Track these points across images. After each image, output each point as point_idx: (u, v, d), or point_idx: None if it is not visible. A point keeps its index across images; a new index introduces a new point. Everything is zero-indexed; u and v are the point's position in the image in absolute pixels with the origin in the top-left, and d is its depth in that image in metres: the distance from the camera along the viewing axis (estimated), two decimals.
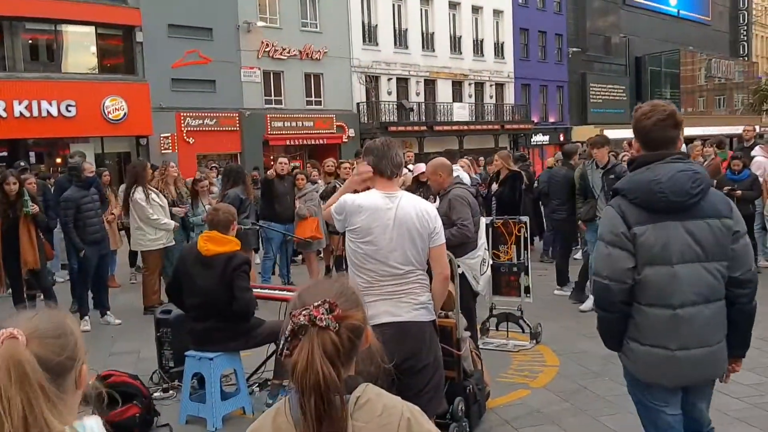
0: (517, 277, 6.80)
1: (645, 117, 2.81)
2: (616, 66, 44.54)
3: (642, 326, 2.81)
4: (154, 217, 8.18)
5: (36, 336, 1.33)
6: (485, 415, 4.78)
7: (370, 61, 30.53)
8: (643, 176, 2.77)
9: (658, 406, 2.89)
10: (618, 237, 2.77)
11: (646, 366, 2.85)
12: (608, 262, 2.80)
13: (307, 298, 1.48)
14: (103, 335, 7.50)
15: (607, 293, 2.82)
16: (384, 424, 1.45)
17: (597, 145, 7.56)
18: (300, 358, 1.39)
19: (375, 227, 3.43)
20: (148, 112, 22.76)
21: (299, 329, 1.42)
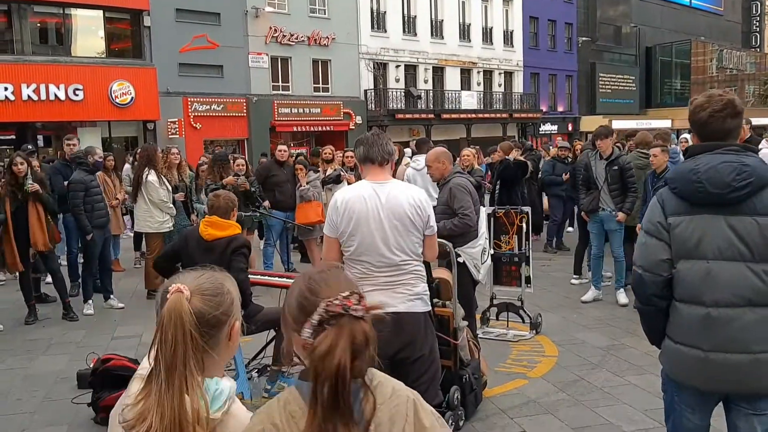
0: (518, 267, 6.80)
1: (700, 109, 2.66)
2: (626, 56, 44.22)
3: (675, 323, 2.69)
4: (165, 199, 8.30)
5: (198, 292, 1.58)
6: (482, 404, 4.80)
7: (378, 48, 30.40)
8: (685, 165, 2.65)
9: (683, 409, 2.75)
10: (655, 226, 2.67)
11: (675, 365, 2.73)
12: (644, 252, 2.70)
13: (320, 289, 1.48)
14: (106, 319, 7.56)
15: (641, 285, 2.70)
16: (395, 405, 1.48)
17: (601, 136, 7.53)
18: (327, 344, 1.38)
19: (368, 218, 3.43)
20: (155, 96, 22.78)
21: (329, 318, 1.42)
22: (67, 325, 7.33)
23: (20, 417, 4.85)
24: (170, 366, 1.51)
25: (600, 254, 7.84)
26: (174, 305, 1.52)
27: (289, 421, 1.45)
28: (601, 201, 7.54)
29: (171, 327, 1.51)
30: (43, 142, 22.22)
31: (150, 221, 8.36)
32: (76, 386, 5.33)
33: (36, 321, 7.43)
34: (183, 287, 1.55)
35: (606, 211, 7.52)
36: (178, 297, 1.54)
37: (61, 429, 4.62)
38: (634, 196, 7.45)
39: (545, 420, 4.59)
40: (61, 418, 4.79)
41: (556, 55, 39.34)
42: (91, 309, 7.76)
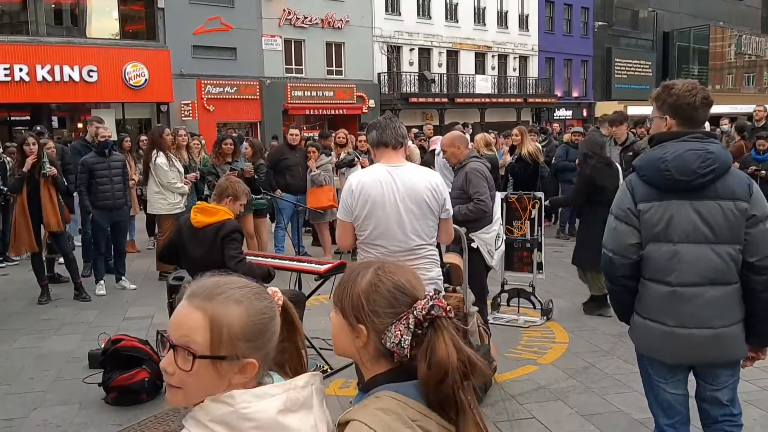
0: (530, 252, 6.76)
1: (690, 94, 2.75)
2: (642, 41, 43.68)
3: (643, 299, 2.86)
4: (174, 182, 8.28)
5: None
6: (491, 389, 4.79)
7: (393, 31, 30.22)
8: (653, 153, 2.77)
9: (658, 381, 2.93)
10: (625, 212, 2.80)
11: (644, 339, 2.90)
12: (614, 236, 2.85)
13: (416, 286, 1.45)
14: (118, 300, 7.61)
15: (611, 266, 2.87)
16: None
17: (615, 123, 7.46)
18: (447, 351, 1.33)
19: (383, 201, 3.40)
20: (168, 78, 22.79)
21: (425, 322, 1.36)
22: (79, 306, 7.38)
23: (32, 395, 4.89)
24: None
25: None
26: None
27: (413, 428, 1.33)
28: None
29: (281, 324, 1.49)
30: (58, 124, 22.36)
31: (162, 203, 8.38)
32: (87, 366, 5.37)
33: (49, 301, 7.49)
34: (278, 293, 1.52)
35: None
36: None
37: (72, 408, 4.66)
38: None
39: (555, 406, 4.57)
40: (73, 397, 4.83)
41: (572, 40, 38.93)
42: (104, 289, 7.81)
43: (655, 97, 2.89)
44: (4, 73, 19.73)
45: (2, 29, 21.23)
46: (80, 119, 22.63)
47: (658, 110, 2.87)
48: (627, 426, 4.26)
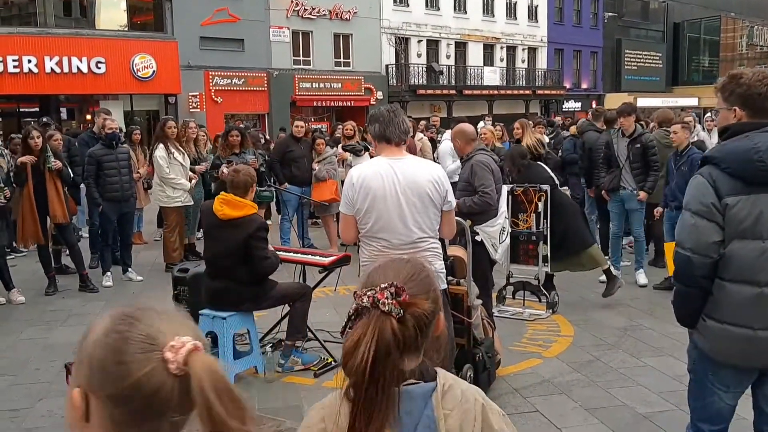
0: (536, 245, 6.73)
1: (761, 83, 2.59)
2: (653, 32, 43.36)
3: (722, 303, 2.64)
4: (170, 176, 8.23)
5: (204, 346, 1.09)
6: (495, 382, 4.77)
7: (401, 23, 30.11)
8: (740, 144, 2.58)
9: (718, 389, 2.75)
10: (707, 207, 2.59)
11: (721, 345, 2.68)
12: (693, 234, 2.63)
13: (376, 278, 1.40)
14: (125, 291, 7.63)
15: (688, 266, 2.65)
16: (465, 410, 1.38)
17: (624, 114, 7.37)
18: (356, 341, 1.30)
19: (385, 195, 3.39)
20: (176, 70, 22.81)
21: (362, 310, 1.35)
22: (86, 297, 7.41)
23: (38, 386, 4.92)
24: None
25: (619, 234, 7.74)
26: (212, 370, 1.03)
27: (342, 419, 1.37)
28: (623, 180, 7.42)
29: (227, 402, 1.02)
30: (67, 115, 22.43)
31: (161, 195, 8.41)
32: None
33: (56, 292, 7.52)
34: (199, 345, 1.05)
35: (627, 190, 7.41)
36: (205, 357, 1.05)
37: None
38: (656, 174, 7.31)
39: (559, 400, 4.56)
40: None
41: (582, 31, 38.69)
42: (110, 281, 7.84)
43: (721, 88, 2.72)
44: (13, 65, 19.79)
45: (11, 21, 21.31)
46: (88, 111, 22.67)
47: (725, 101, 2.70)
48: (631, 420, 4.24)
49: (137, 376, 1.01)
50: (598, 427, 4.14)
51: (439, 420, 1.33)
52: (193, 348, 1.03)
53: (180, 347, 1.02)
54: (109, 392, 1.02)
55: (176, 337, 1.03)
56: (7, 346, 5.87)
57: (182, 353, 1.02)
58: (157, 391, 1.01)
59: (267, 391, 4.81)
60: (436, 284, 1.48)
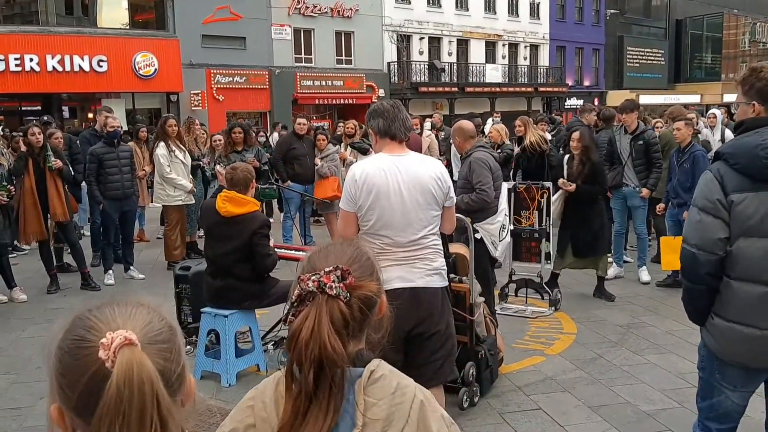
0: (538, 243, 6.71)
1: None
2: (655, 29, 43.24)
3: (729, 301, 2.62)
4: (170, 175, 8.21)
5: (150, 340, 1.01)
6: (498, 380, 4.77)
7: (402, 20, 30.06)
8: (749, 140, 2.55)
9: (725, 388, 2.72)
10: (713, 204, 2.56)
11: (728, 343, 2.65)
12: (699, 230, 2.60)
13: (317, 263, 1.37)
14: (127, 289, 7.63)
15: (694, 263, 2.62)
16: (397, 404, 1.32)
17: (626, 110, 7.35)
18: (304, 326, 1.27)
19: (387, 191, 3.36)
20: (178, 68, 22.79)
21: (306, 295, 1.31)
22: (88, 295, 7.40)
23: (40, 385, 4.90)
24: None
25: (622, 231, 7.73)
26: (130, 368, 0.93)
27: (277, 402, 1.34)
28: (625, 177, 7.40)
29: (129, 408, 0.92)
30: (69, 113, 22.43)
31: (161, 194, 8.39)
32: None
33: (58, 290, 7.52)
34: (132, 335, 0.96)
35: (630, 187, 7.39)
36: (134, 355, 0.95)
37: None
38: (658, 171, 7.30)
39: (562, 398, 4.55)
40: None
41: (584, 28, 38.61)
42: (112, 279, 7.84)
43: (742, 81, 2.67)
44: (14, 63, 19.79)
45: (13, 19, 21.29)
46: (90, 109, 22.68)
47: (745, 95, 2.66)
48: (634, 418, 4.22)
49: (83, 382, 0.95)
50: (602, 425, 4.13)
51: (358, 405, 1.29)
52: (122, 343, 0.95)
53: (109, 344, 0.94)
54: (71, 405, 0.97)
55: (108, 333, 0.95)
56: (8, 344, 5.87)
57: (112, 350, 0.94)
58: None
59: None
60: (378, 267, 1.46)
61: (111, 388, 0.92)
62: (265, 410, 1.36)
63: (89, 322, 1.00)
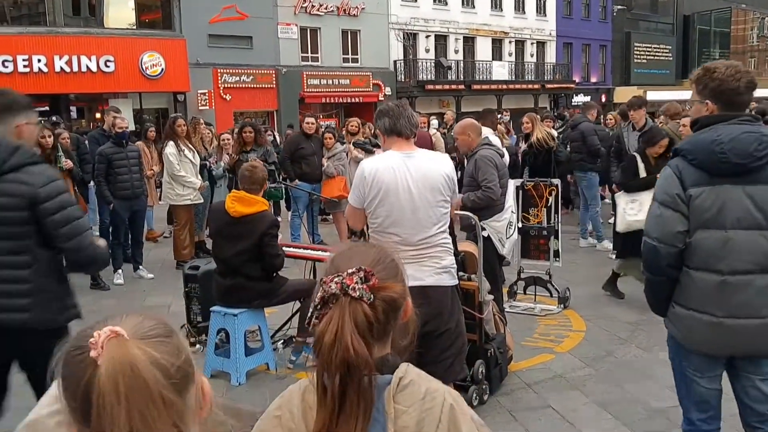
0: (547, 240, 6.70)
1: (733, 78, 2.65)
2: (662, 24, 43.05)
3: (688, 290, 2.73)
4: (180, 173, 8.25)
5: (141, 336, 1.01)
6: (507, 378, 4.76)
7: (408, 18, 30.02)
8: (704, 136, 2.64)
9: (693, 375, 2.83)
10: (672, 198, 2.67)
11: (688, 331, 2.77)
12: (659, 224, 2.72)
13: (341, 264, 1.35)
14: (136, 289, 7.66)
15: (655, 255, 2.73)
16: (427, 409, 1.29)
17: (634, 107, 7.34)
18: (328, 329, 1.25)
19: (396, 189, 3.37)
20: (185, 68, 22.83)
21: (329, 298, 1.29)
22: (97, 294, 7.43)
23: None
24: None
25: None
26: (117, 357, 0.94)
27: (305, 412, 1.32)
28: None
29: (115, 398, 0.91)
30: (76, 114, 22.51)
31: (170, 193, 8.42)
32: None
33: None
34: (117, 329, 0.97)
35: None
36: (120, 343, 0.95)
37: None
38: None
39: (571, 395, 4.54)
40: None
41: (590, 24, 38.48)
42: (121, 279, 7.87)
43: (696, 80, 2.76)
44: (23, 64, 19.87)
45: (21, 20, 21.38)
46: (98, 109, 22.75)
47: (699, 94, 2.75)
48: (644, 415, 4.21)
49: (81, 387, 0.95)
50: (612, 422, 4.12)
51: (388, 414, 1.27)
52: (108, 336, 0.94)
53: (97, 340, 0.94)
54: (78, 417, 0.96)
55: (95, 333, 0.95)
56: None
57: (100, 344, 0.93)
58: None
59: (278, 388, 4.79)
60: (403, 268, 1.44)
61: (101, 377, 0.92)
62: (292, 420, 1.34)
63: (84, 334, 1.01)
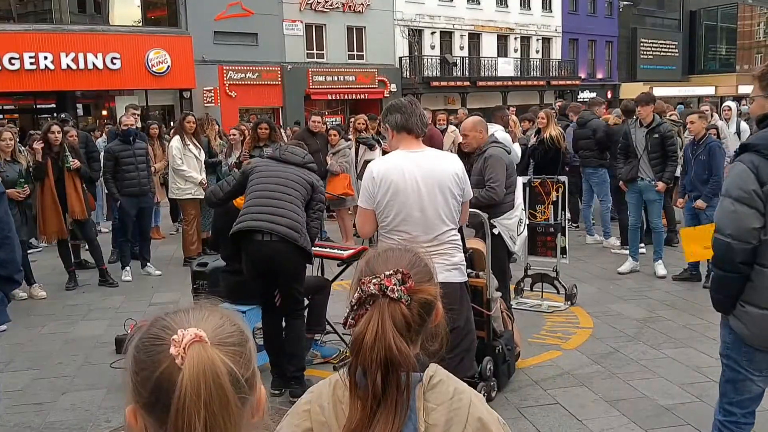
0: (554, 237, 6.70)
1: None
2: (669, 20, 42.89)
3: (762, 289, 2.68)
4: (182, 167, 8.31)
5: (220, 342, 1.00)
6: (515, 375, 4.77)
7: (414, 14, 29.99)
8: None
9: (752, 374, 2.79)
10: (748, 194, 2.62)
11: (759, 330, 2.71)
12: (733, 220, 2.66)
13: (377, 266, 1.38)
14: (144, 285, 7.69)
15: (728, 252, 2.68)
16: (455, 408, 1.34)
17: (642, 103, 7.30)
18: (368, 329, 1.29)
19: (405, 187, 3.37)
20: (191, 65, 22.88)
21: (367, 298, 1.33)
22: (106, 291, 7.48)
23: (61, 380, 4.98)
24: None
25: (637, 225, 7.68)
26: (201, 363, 0.95)
27: (335, 406, 1.36)
28: (640, 170, 7.36)
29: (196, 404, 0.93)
30: (83, 111, 22.58)
31: (173, 187, 8.52)
32: (114, 351, 5.44)
33: (76, 287, 7.60)
34: (202, 333, 0.98)
35: (645, 180, 7.35)
36: (204, 350, 0.97)
37: (99, 392, 4.73)
38: (674, 164, 7.26)
39: (579, 392, 4.55)
40: (100, 382, 4.90)
41: (596, 20, 38.34)
42: (129, 275, 7.90)
43: (760, 76, 2.74)
44: (29, 62, 19.94)
45: (27, 18, 21.45)
46: (104, 106, 22.84)
47: (763, 90, 2.73)
48: (652, 412, 4.22)
49: (155, 378, 0.97)
50: (620, 419, 4.13)
51: (419, 411, 1.31)
52: (193, 339, 0.96)
53: (180, 340, 0.96)
54: (142, 402, 0.99)
55: (179, 331, 0.97)
56: (29, 340, 5.94)
57: (183, 346, 0.96)
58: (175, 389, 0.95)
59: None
60: (435, 272, 1.48)
61: (184, 382, 0.94)
62: (323, 414, 1.37)
63: (163, 323, 1.02)
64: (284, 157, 4.65)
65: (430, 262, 1.49)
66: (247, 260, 4.45)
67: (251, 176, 4.57)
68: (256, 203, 4.43)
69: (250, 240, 4.35)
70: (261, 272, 4.47)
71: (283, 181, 4.50)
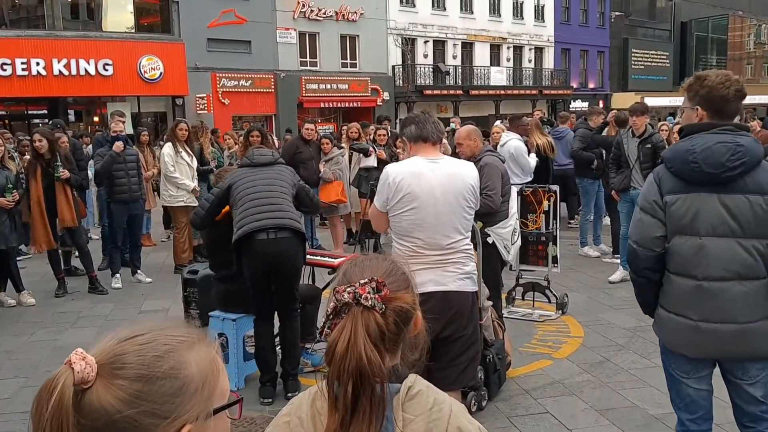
0: (545, 246, 6.71)
1: (723, 86, 2.70)
2: (660, 31, 43.20)
3: (668, 293, 2.84)
4: (173, 175, 8.27)
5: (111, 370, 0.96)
6: (505, 384, 4.76)
7: (407, 23, 30.11)
8: (682, 145, 2.74)
9: (680, 376, 2.90)
10: (650, 204, 2.79)
11: (668, 332, 2.88)
12: (639, 228, 2.84)
13: (353, 275, 1.37)
14: (134, 293, 7.65)
15: (635, 258, 2.87)
16: (434, 419, 1.32)
17: (636, 113, 7.33)
18: (340, 338, 1.27)
19: (421, 194, 3.37)
20: (183, 71, 22.86)
21: (342, 307, 1.31)
22: (95, 299, 7.43)
23: None
24: None
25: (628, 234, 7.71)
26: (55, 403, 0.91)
27: (314, 418, 1.35)
28: (633, 180, 7.39)
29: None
30: (75, 117, 22.52)
31: (165, 194, 8.48)
32: None
33: (65, 294, 7.55)
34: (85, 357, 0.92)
35: (637, 190, 7.37)
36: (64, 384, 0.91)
37: None
38: None
39: (569, 401, 4.54)
40: None
41: (588, 31, 38.60)
42: (119, 283, 7.86)
43: (687, 88, 2.83)
44: (21, 68, 19.89)
45: (19, 24, 21.41)
46: (96, 113, 22.79)
47: (690, 101, 2.82)
48: (643, 421, 4.22)
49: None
50: (610, 429, 4.13)
51: (396, 422, 1.29)
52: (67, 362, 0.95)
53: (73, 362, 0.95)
54: None
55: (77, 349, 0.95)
56: (18, 347, 5.89)
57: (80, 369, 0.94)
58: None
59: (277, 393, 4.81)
60: (414, 281, 1.45)
61: None
62: (302, 426, 1.36)
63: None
64: (256, 160, 4.78)
65: (409, 271, 1.45)
66: (253, 261, 4.47)
67: (234, 188, 4.60)
68: (253, 205, 4.49)
69: (255, 240, 4.38)
70: (265, 272, 4.50)
71: (269, 181, 4.62)
